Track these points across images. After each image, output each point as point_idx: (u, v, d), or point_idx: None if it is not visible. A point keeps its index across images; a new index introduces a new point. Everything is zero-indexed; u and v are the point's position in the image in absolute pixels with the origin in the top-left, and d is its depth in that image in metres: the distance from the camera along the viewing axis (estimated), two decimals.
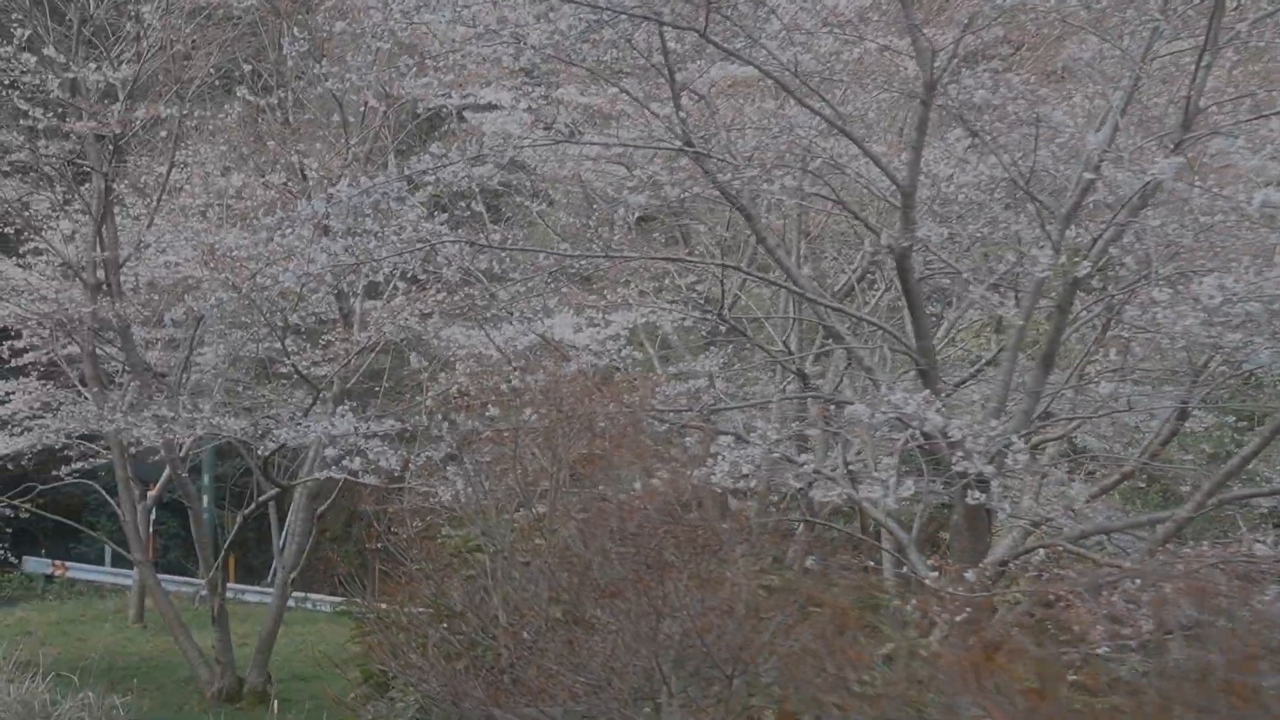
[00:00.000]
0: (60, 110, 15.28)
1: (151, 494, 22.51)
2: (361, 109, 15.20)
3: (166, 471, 23.48)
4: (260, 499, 16.80)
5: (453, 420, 8.21)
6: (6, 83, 14.62)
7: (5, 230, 19.72)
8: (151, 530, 22.42)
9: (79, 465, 21.34)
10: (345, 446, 8.62)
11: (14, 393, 22.26)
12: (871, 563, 11.08)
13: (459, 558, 7.72)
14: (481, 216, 12.47)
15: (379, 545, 9.19)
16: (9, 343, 20.90)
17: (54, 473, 21.06)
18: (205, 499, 26.56)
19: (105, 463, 21.36)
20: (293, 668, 20.13)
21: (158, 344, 21.67)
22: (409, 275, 13.87)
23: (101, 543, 23.66)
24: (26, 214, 17.99)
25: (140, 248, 16.65)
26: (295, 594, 27.94)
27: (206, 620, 21.60)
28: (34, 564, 29.09)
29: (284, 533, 17.80)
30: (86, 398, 19.51)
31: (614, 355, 13.05)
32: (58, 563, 29.53)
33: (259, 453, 15.52)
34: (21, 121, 15.07)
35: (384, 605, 8.12)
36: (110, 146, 15.68)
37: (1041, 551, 8.92)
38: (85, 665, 21.01)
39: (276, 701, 17.89)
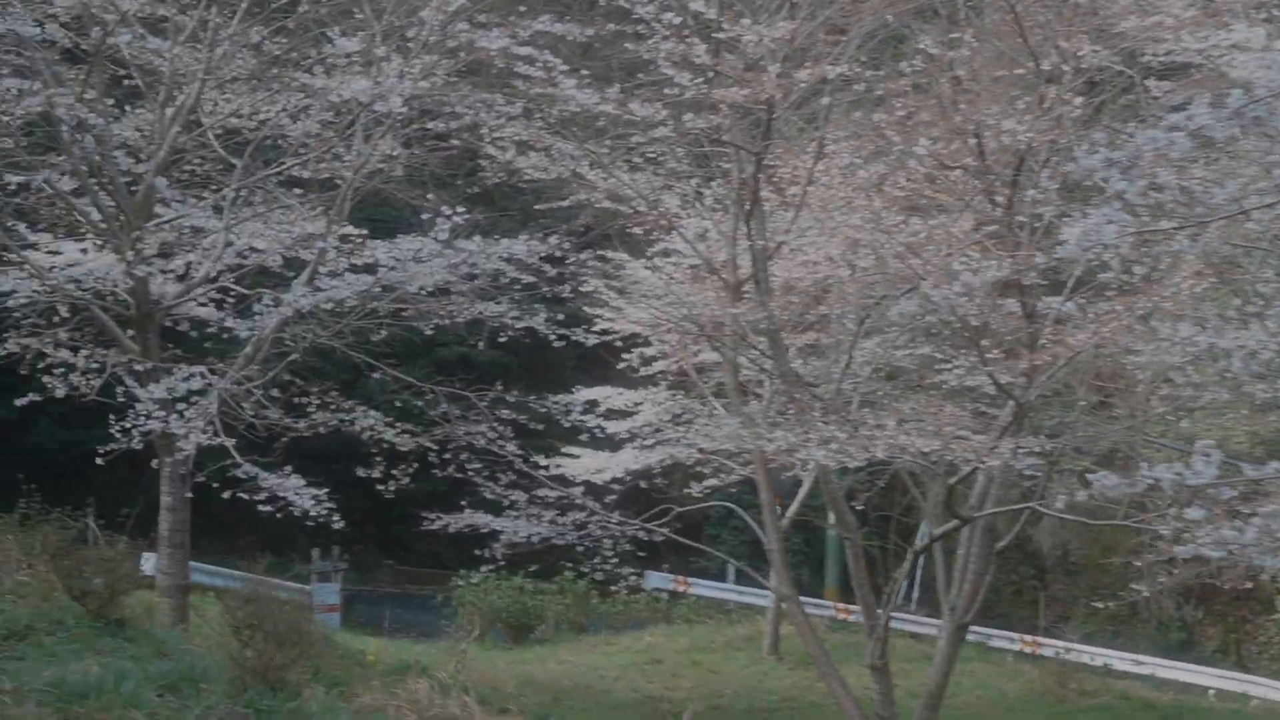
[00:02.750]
0: (705, 77, 13.31)
1: (788, 514, 20.80)
2: (1073, 56, 12.17)
3: (803, 488, 21.54)
4: (936, 533, 14.15)
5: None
6: (649, 43, 12.80)
7: (633, 230, 18.23)
8: None
9: (712, 482, 19.63)
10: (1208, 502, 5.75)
11: (643, 403, 20.94)
12: None
13: None
14: None
15: None
16: (639, 350, 19.63)
17: (683, 490, 19.52)
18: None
19: (735, 478, 19.59)
20: None
21: (789, 349, 19.66)
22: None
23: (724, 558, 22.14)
24: (658, 211, 16.29)
25: (797, 233, 14.45)
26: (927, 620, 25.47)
27: (843, 650, 19.48)
28: (656, 579, 28.20)
29: (955, 567, 15.01)
30: (719, 410, 17.74)
31: None
32: (681, 579, 28.56)
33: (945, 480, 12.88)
34: (666, 92, 13.19)
35: None
36: (762, 120, 13.49)
37: None
38: (720, 703, 19.40)
39: None
